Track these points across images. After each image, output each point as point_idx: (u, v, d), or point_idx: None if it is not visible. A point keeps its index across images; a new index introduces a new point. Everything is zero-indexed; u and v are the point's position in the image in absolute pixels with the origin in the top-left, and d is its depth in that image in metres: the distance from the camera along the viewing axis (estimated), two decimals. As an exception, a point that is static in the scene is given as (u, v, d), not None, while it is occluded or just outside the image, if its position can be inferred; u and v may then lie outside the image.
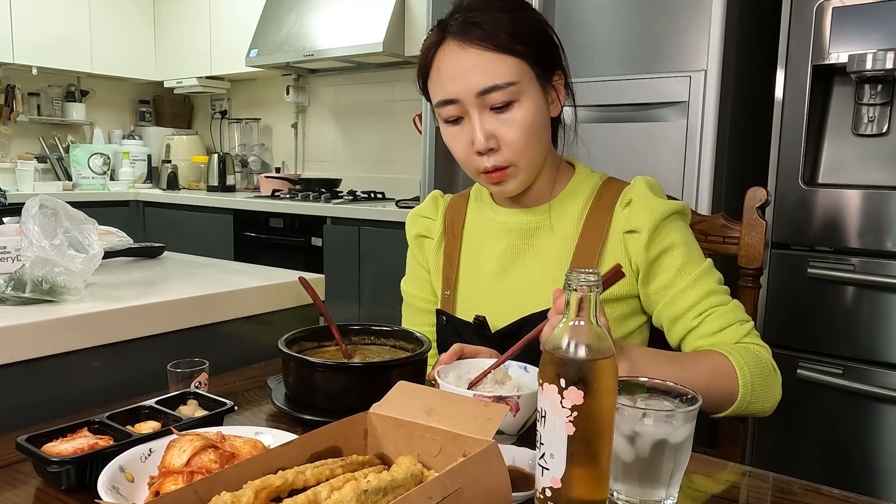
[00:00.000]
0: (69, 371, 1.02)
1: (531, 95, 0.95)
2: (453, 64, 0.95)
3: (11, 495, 0.70)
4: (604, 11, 1.94)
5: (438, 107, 0.98)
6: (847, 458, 1.72)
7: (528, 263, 1.05)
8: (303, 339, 0.98)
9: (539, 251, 1.05)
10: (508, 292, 1.05)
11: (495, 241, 1.09)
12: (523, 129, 0.95)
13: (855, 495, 0.72)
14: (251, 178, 4.18)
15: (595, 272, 0.60)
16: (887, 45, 1.61)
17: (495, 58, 0.93)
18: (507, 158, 0.97)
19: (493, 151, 0.96)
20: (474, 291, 1.10)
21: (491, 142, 0.95)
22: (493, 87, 0.93)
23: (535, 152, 0.98)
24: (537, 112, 0.96)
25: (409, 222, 1.21)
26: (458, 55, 0.94)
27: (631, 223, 0.98)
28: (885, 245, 1.64)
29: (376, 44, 3.04)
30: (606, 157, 1.94)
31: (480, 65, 0.93)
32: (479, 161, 0.98)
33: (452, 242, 1.14)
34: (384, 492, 0.56)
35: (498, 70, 0.93)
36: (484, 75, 0.93)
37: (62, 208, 1.11)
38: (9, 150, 4.00)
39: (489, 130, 0.95)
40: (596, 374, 0.58)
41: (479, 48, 0.93)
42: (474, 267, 1.11)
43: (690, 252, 0.99)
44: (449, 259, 1.13)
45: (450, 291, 1.11)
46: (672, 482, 0.65)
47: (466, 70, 0.94)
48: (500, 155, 0.96)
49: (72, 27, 3.89)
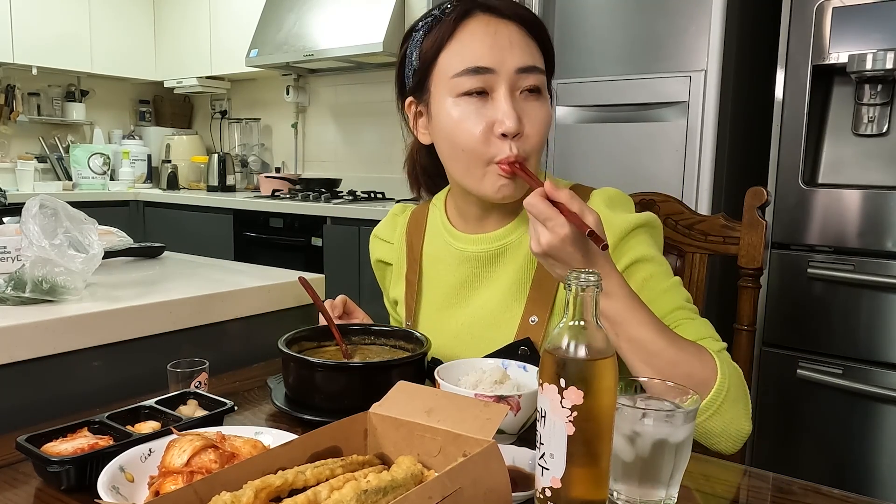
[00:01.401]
0: (69, 371, 1.02)
1: (546, 94, 0.93)
2: (493, 34, 0.88)
3: (11, 495, 0.70)
4: (604, 11, 1.94)
5: (461, 76, 0.88)
6: (847, 458, 1.72)
7: (486, 294, 0.99)
8: (303, 339, 0.98)
9: (498, 279, 0.98)
10: (467, 324, 1.01)
11: (453, 269, 1.02)
12: (543, 124, 0.90)
13: (855, 495, 0.72)
14: (251, 178, 4.18)
15: (595, 272, 0.60)
16: (887, 45, 1.61)
17: (532, 44, 0.90)
18: (526, 150, 0.89)
19: (518, 137, 0.88)
20: (433, 323, 1.05)
21: (520, 126, 0.88)
22: (534, 66, 0.89)
23: (539, 157, 0.93)
24: (549, 112, 0.93)
25: (371, 244, 1.17)
26: (499, 26, 0.89)
27: None
28: (884, 245, 1.64)
29: (376, 44, 3.04)
30: (606, 157, 1.94)
31: (522, 43, 0.89)
32: (500, 146, 0.88)
33: (412, 268, 1.08)
34: (384, 492, 0.56)
35: (535, 55, 0.90)
36: (524, 54, 0.89)
37: (62, 208, 1.11)
38: (9, 150, 4.00)
39: (521, 112, 0.88)
40: (596, 374, 0.58)
41: (519, 27, 0.89)
42: (432, 296, 1.05)
43: (656, 267, 0.90)
44: (410, 286, 1.08)
45: (411, 321, 1.08)
46: (672, 482, 0.65)
47: (509, 43, 0.88)
48: (521, 144, 0.88)
49: (72, 27, 3.89)
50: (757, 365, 1.81)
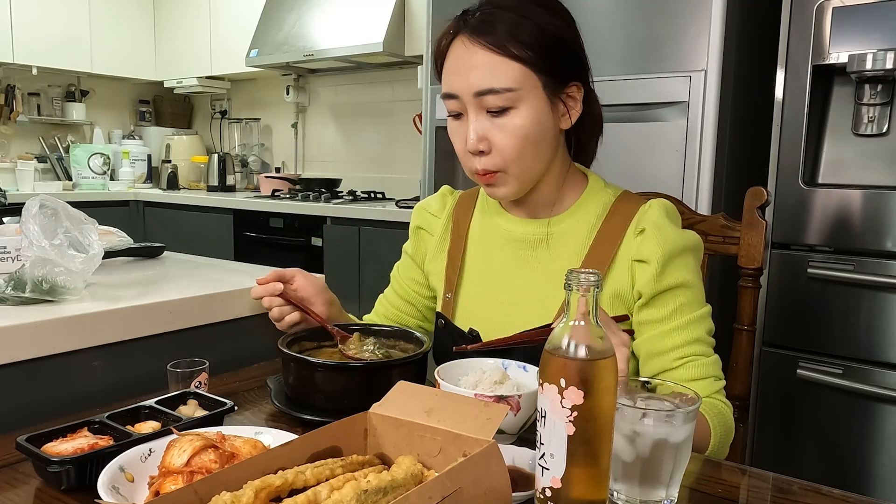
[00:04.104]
0: (69, 371, 1.02)
1: (532, 105, 0.93)
2: (457, 59, 0.95)
3: (11, 495, 0.70)
4: (604, 11, 1.94)
5: (443, 98, 0.98)
6: (847, 458, 1.72)
7: (530, 277, 1.03)
8: (303, 339, 0.98)
9: (542, 266, 1.03)
10: (507, 305, 1.04)
11: (499, 247, 1.07)
12: (517, 136, 0.93)
13: (855, 495, 0.72)
14: (251, 178, 4.19)
15: (595, 272, 0.60)
16: (887, 45, 1.61)
17: (498, 61, 0.92)
18: (496, 163, 0.95)
19: (483, 154, 0.95)
20: (474, 298, 1.08)
21: (482, 144, 0.94)
22: (490, 90, 0.92)
23: (529, 162, 0.96)
24: (536, 122, 0.94)
25: (414, 213, 1.20)
26: (464, 52, 0.94)
27: (642, 253, 0.95)
28: (884, 245, 1.64)
29: (376, 44, 3.04)
30: (606, 157, 1.93)
31: (482, 65, 0.92)
32: (472, 161, 0.97)
33: (457, 243, 1.12)
34: (384, 492, 0.56)
35: (498, 74, 0.92)
36: (483, 77, 0.92)
37: (62, 208, 1.11)
38: (9, 150, 4.00)
39: (482, 133, 0.94)
40: (596, 374, 0.58)
41: (485, 49, 0.92)
42: (476, 273, 1.09)
43: (693, 294, 0.96)
44: (452, 260, 1.12)
45: (451, 294, 1.10)
46: (672, 482, 0.65)
47: (468, 68, 0.93)
48: (490, 159, 0.95)
49: (72, 27, 3.89)
50: (757, 365, 1.81)
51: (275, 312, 1.05)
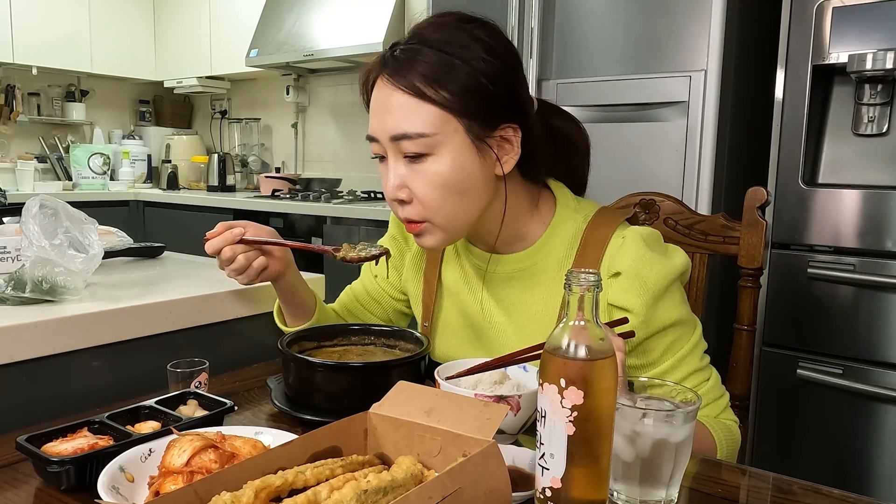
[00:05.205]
0: (69, 371, 1.02)
1: (453, 150, 0.85)
2: (376, 100, 0.89)
3: (11, 495, 0.70)
4: (604, 11, 1.94)
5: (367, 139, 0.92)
6: (847, 458, 1.72)
7: (504, 318, 0.98)
8: (303, 339, 0.98)
9: (516, 306, 0.97)
10: (481, 343, 1.01)
11: (472, 283, 1.02)
12: (435, 185, 0.86)
13: (855, 495, 0.72)
14: (251, 178, 4.18)
15: (595, 272, 0.60)
16: (887, 45, 1.61)
17: (413, 103, 0.84)
18: (420, 213, 0.88)
19: (405, 203, 0.88)
20: (449, 330, 1.06)
21: (402, 192, 0.88)
22: (403, 135, 0.85)
23: (454, 211, 0.88)
24: (459, 169, 0.86)
25: (393, 219, 1.15)
26: (382, 92, 0.87)
27: (620, 300, 0.88)
28: (884, 245, 1.64)
29: (376, 44, 3.04)
30: (606, 157, 1.94)
31: (397, 108, 0.85)
32: (397, 209, 0.90)
33: (432, 266, 1.07)
34: (384, 492, 0.56)
35: (412, 118, 0.84)
36: (397, 120, 0.85)
37: (62, 208, 1.11)
38: (9, 150, 4.00)
39: (400, 180, 0.87)
40: (596, 374, 0.58)
41: (399, 91, 0.85)
42: (453, 302, 1.05)
43: (683, 328, 0.91)
44: (429, 286, 1.07)
45: (428, 323, 1.07)
46: (672, 482, 0.65)
47: (385, 110, 0.87)
48: (412, 208, 0.88)
49: (72, 27, 3.89)
50: (757, 365, 1.81)
51: (241, 259, 0.98)
